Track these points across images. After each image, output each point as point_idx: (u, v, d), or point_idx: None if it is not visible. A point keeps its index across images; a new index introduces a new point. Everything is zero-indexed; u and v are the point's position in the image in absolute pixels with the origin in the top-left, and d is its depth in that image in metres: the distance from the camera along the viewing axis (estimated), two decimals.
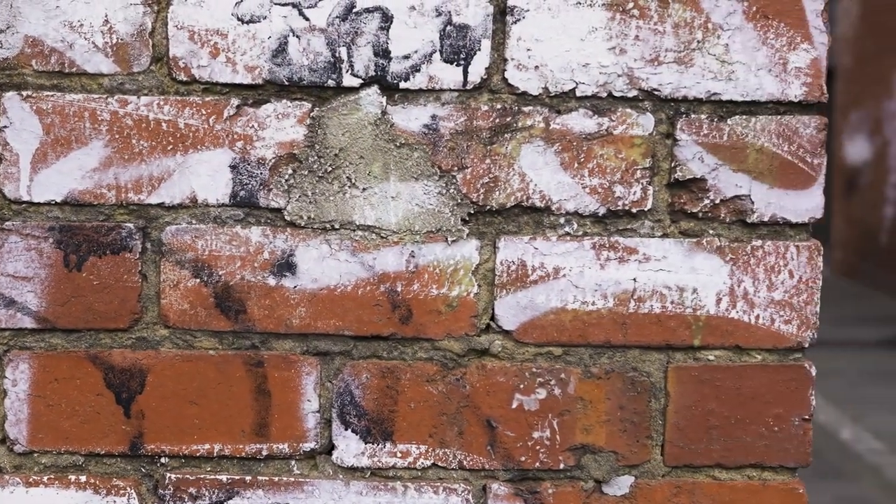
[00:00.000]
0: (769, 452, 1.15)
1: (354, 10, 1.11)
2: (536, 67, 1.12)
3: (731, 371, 1.15)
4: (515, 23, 1.11)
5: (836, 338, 11.40)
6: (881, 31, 14.33)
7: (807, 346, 1.15)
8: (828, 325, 12.01)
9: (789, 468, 1.16)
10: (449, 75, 1.12)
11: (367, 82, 1.12)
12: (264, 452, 1.14)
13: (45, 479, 1.14)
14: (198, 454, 1.14)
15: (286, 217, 1.12)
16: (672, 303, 1.14)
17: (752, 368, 1.15)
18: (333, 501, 1.14)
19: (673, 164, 1.13)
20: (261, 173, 1.12)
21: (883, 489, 6.74)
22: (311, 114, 1.12)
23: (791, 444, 1.16)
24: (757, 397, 1.15)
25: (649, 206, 1.13)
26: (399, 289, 1.13)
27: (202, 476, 1.14)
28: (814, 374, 1.16)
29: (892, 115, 13.81)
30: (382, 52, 1.11)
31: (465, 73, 1.12)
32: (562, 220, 1.13)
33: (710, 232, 1.14)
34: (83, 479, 1.14)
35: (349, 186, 1.12)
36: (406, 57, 1.11)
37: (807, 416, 1.15)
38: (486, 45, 1.11)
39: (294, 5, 1.10)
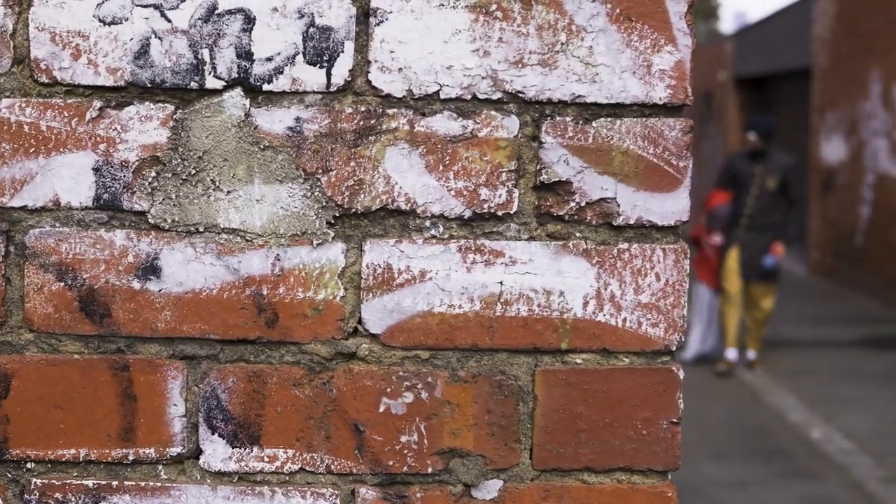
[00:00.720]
0: (638, 456, 1.15)
1: (217, 12, 1.10)
2: (400, 69, 1.11)
3: (599, 374, 1.14)
4: (378, 25, 1.11)
5: (811, 338, 11.44)
6: (857, 33, 14.37)
7: (674, 348, 1.15)
8: (803, 325, 12.03)
9: (658, 471, 1.16)
10: (312, 77, 1.11)
11: (230, 84, 1.11)
12: (131, 457, 1.13)
13: None
14: (64, 459, 1.13)
15: (150, 220, 1.12)
16: (539, 306, 1.14)
17: (620, 372, 1.14)
18: None
19: (539, 167, 1.12)
20: (124, 176, 1.11)
21: (849, 488, 6.77)
22: (175, 116, 1.11)
23: (660, 447, 1.15)
24: (625, 400, 1.15)
25: (515, 208, 1.13)
26: (265, 292, 1.13)
27: (69, 481, 1.13)
28: (681, 376, 1.15)
29: (868, 115, 13.85)
30: (245, 54, 1.10)
31: (329, 75, 1.11)
32: (427, 223, 1.13)
33: (577, 234, 1.14)
34: None
35: (213, 189, 1.12)
36: (269, 59, 1.11)
37: (675, 420, 1.15)
38: (350, 47, 1.11)
39: (156, 7, 1.10)
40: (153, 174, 1.11)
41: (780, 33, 18.02)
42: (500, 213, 1.13)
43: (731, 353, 9.76)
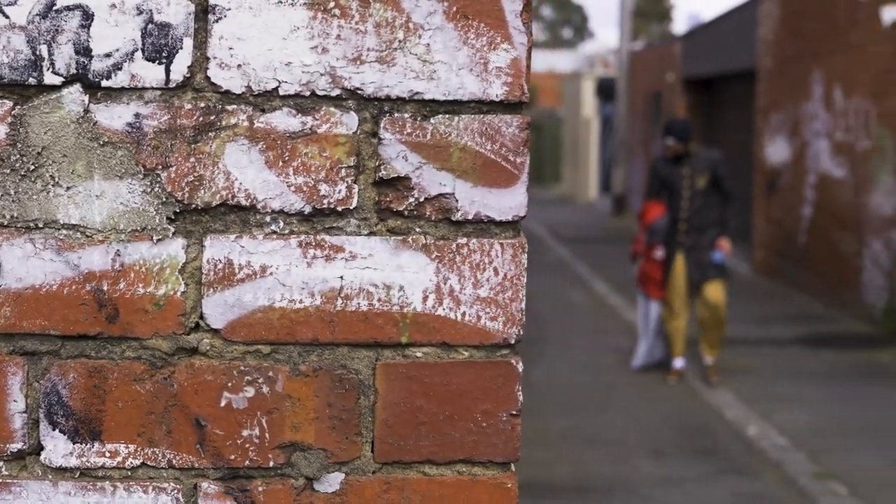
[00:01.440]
0: (478, 448, 1.17)
1: (55, 8, 1.10)
2: (239, 66, 1.12)
3: (439, 368, 1.16)
4: (217, 21, 1.12)
5: (752, 336, 11.54)
6: (801, 35, 14.51)
7: (513, 342, 1.16)
8: (746, 324, 12.13)
9: (499, 463, 1.18)
10: (151, 74, 1.12)
11: (69, 80, 1.11)
12: None
13: None
14: None
15: None
16: (379, 300, 1.15)
17: (460, 365, 1.16)
18: (42, 502, 1.14)
19: (378, 163, 1.14)
20: None
21: (782, 485, 6.84)
22: (13, 112, 1.11)
23: (500, 439, 1.17)
24: (465, 394, 1.16)
25: (355, 204, 1.14)
26: (105, 288, 1.13)
27: None
28: (520, 369, 1.17)
29: (811, 117, 13.99)
30: (84, 51, 1.11)
31: (168, 71, 1.12)
32: (268, 219, 1.14)
33: (417, 230, 1.15)
34: None
35: (53, 185, 1.12)
36: (108, 55, 1.11)
37: (514, 412, 1.17)
38: (189, 43, 1.12)
39: None
40: None
41: (726, 35, 18.18)
42: (339, 208, 1.14)
43: (679, 363, 9.56)
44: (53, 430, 1.14)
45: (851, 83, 12.63)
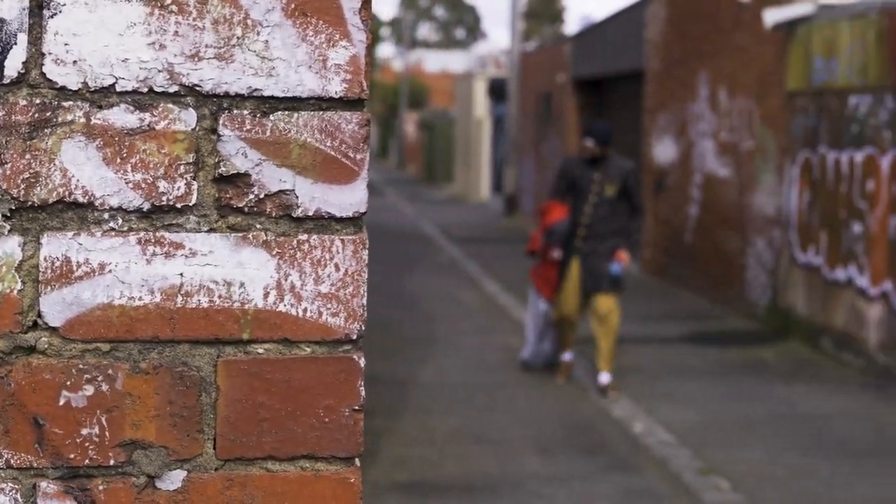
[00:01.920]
0: (321, 443, 1.17)
1: None
2: (75, 62, 1.11)
3: (281, 364, 1.16)
4: (52, 17, 1.11)
5: (640, 334, 11.72)
6: (687, 37, 14.78)
7: (355, 337, 1.17)
8: (633, 323, 12.32)
9: (342, 458, 1.18)
10: None
11: None
12: None
13: None
14: None
15: None
16: (220, 297, 1.15)
17: (302, 361, 1.16)
18: None
19: (217, 160, 1.14)
20: None
21: (667, 480, 6.95)
22: None
23: (342, 434, 1.18)
24: (307, 389, 1.17)
25: (195, 200, 1.14)
26: None
27: None
28: (363, 364, 1.18)
29: (697, 117, 14.26)
30: None
31: (2, 67, 1.10)
32: (106, 216, 1.13)
33: (258, 226, 1.15)
34: None
35: None
36: None
37: (357, 407, 1.17)
38: (23, 39, 1.10)
39: None
40: None
41: (615, 36, 18.43)
42: (179, 205, 1.14)
43: (567, 356, 9.43)
44: None
45: (735, 84, 12.91)
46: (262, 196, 1.15)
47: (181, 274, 1.14)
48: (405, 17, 76.74)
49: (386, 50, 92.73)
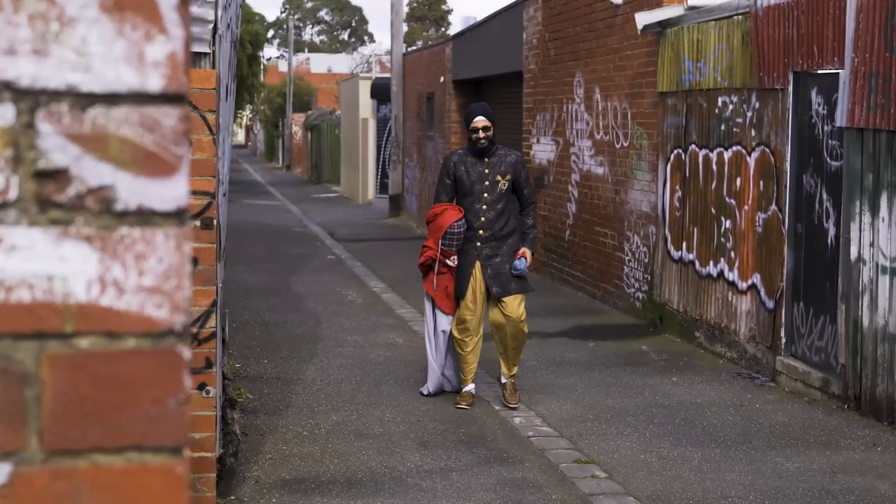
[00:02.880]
0: (148, 434, 1.19)
1: None
2: None
3: (105, 357, 1.17)
4: None
5: None
6: (563, 38, 14.98)
7: (179, 329, 1.19)
8: None
9: (169, 449, 1.20)
10: None
11: None
12: None
13: None
14: None
15: None
16: (42, 291, 1.16)
17: (126, 353, 1.18)
18: None
19: (36, 155, 1.15)
20: None
21: (545, 471, 7.05)
22: None
23: (168, 425, 1.19)
24: (132, 382, 1.18)
25: (14, 196, 1.14)
26: None
27: None
28: (187, 356, 1.20)
29: (573, 117, 14.46)
30: None
31: None
32: None
33: (79, 221, 1.16)
34: None
35: None
36: None
37: (182, 398, 1.19)
38: None
39: None
40: None
41: (494, 38, 18.59)
42: None
43: (471, 387, 8.64)
44: None
45: (610, 85, 13.14)
46: (82, 191, 1.16)
47: (2, 269, 1.15)
48: (289, 19, 76.25)
49: (271, 51, 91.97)
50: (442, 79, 22.36)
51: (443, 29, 75.18)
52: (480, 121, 8.40)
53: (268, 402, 8.56)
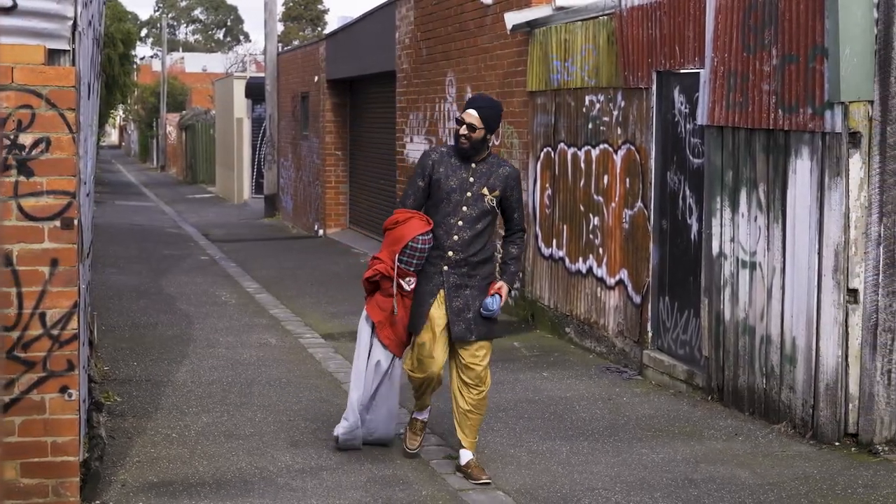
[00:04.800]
0: None
1: None
2: None
3: None
4: None
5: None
6: (434, 38, 15.10)
7: None
8: None
9: None
10: None
11: None
12: None
13: None
14: None
15: None
16: None
17: None
18: None
19: None
20: None
21: (415, 468, 7.13)
22: None
23: None
24: None
25: None
26: None
27: None
28: None
29: (446, 116, 14.58)
30: None
31: None
32: None
33: None
34: None
35: None
36: None
37: None
38: None
39: None
40: None
41: (367, 37, 18.62)
42: None
43: (424, 415, 7.27)
44: None
45: (481, 84, 13.27)
46: None
47: None
48: (163, 18, 75.09)
49: (145, 51, 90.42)
50: (316, 78, 22.30)
51: (319, 29, 74.88)
52: (469, 114, 6.70)
53: (136, 404, 8.45)
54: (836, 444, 7.43)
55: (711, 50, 8.54)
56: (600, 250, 10.44)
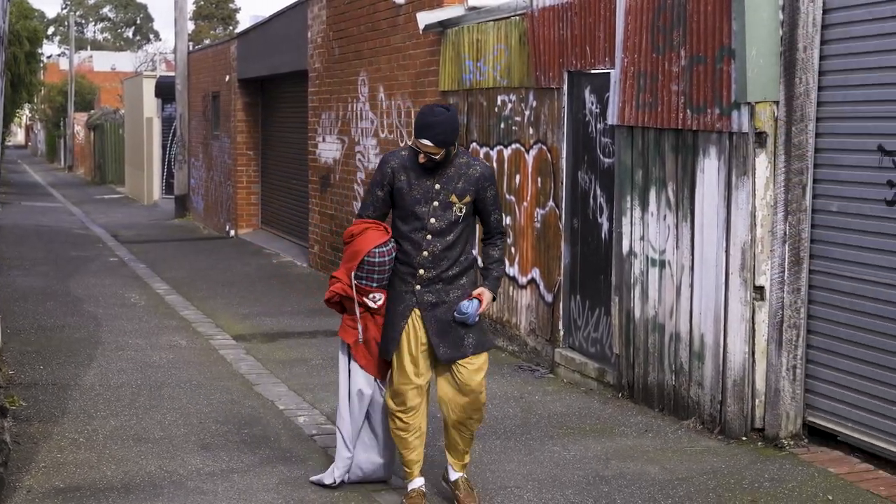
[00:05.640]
0: None
1: None
2: None
3: None
4: None
5: (308, 328, 11.85)
6: (347, 37, 15.05)
7: None
8: (300, 317, 12.45)
9: None
10: None
11: None
12: None
13: None
14: None
15: None
16: None
17: None
18: None
19: None
20: None
21: (327, 468, 7.05)
22: None
23: None
24: None
25: None
26: None
27: None
28: None
29: (358, 116, 14.54)
30: None
31: None
32: None
33: None
34: None
35: None
36: None
37: None
38: None
39: None
40: None
41: (279, 36, 18.50)
42: None
43: (418, 482, 6.36)
44: None
45: (394, 84, 13.26)
46: None
47: None
48: (70, 16, 73.85)
49: (52, 49, 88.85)
50: (227, 77, 22.10)
51: (231, 28, 74.25)
52: (424, 145, 5.90)
53: (43, 409, 8.29)
54: (744, 438, 7.55)
55: (621, 51, 8.62)
56: (512, 249, 10.49)
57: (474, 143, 11.22)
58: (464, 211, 6.04)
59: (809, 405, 7.50)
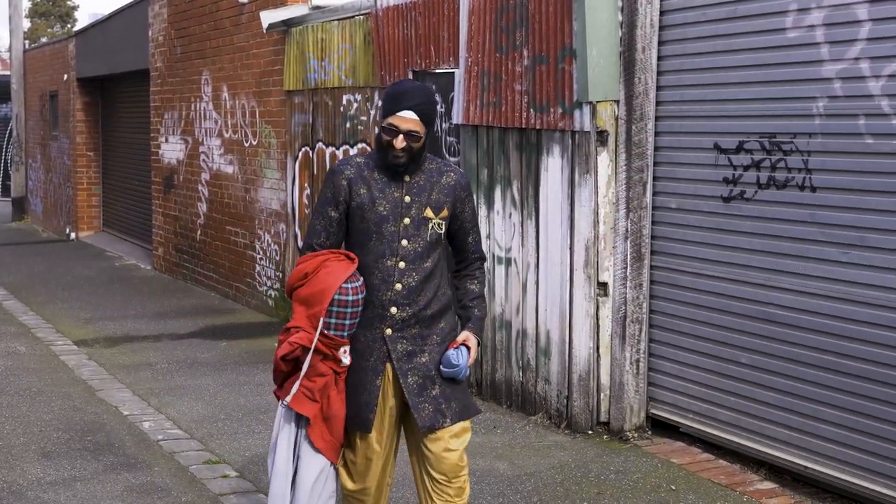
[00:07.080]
0: None
1: None
2: None
3: None
4: None
5: (152, 332, 11.62)
6: (189, 36, 14.82)
7: None
8: (145, 320, 12.20)
9: None
10: None
11: None
12: None
13: None
14: None
15: None
16: None
17: None
18: None
19: None
20: None
21: (175, 474, 6.97)
22: None
23: None
24: None
25: None
26: None
27: None
28: None
29: (202, 115, 14.33)
30: None
31: None
32: None
33: None
34: None
35: None
36: None
37: None
38: None
39: None
40: None
41: (119, 35, 18.11)
42: None
43: None
44: None
45: (237, 83, 13.10)
46: None
47: None
48: None
49: None
50: (66, 77, 21.52)
51: (69, 26, 72.35)
52: (406, 119, 4.52)
53: None
54: (590, 432, 7.69)
55: (465, 50, 8.69)
56: None
57: (320, 143, 11.17)
58: (442, 228, 4.69)
59: (652, 398, 7.68)
